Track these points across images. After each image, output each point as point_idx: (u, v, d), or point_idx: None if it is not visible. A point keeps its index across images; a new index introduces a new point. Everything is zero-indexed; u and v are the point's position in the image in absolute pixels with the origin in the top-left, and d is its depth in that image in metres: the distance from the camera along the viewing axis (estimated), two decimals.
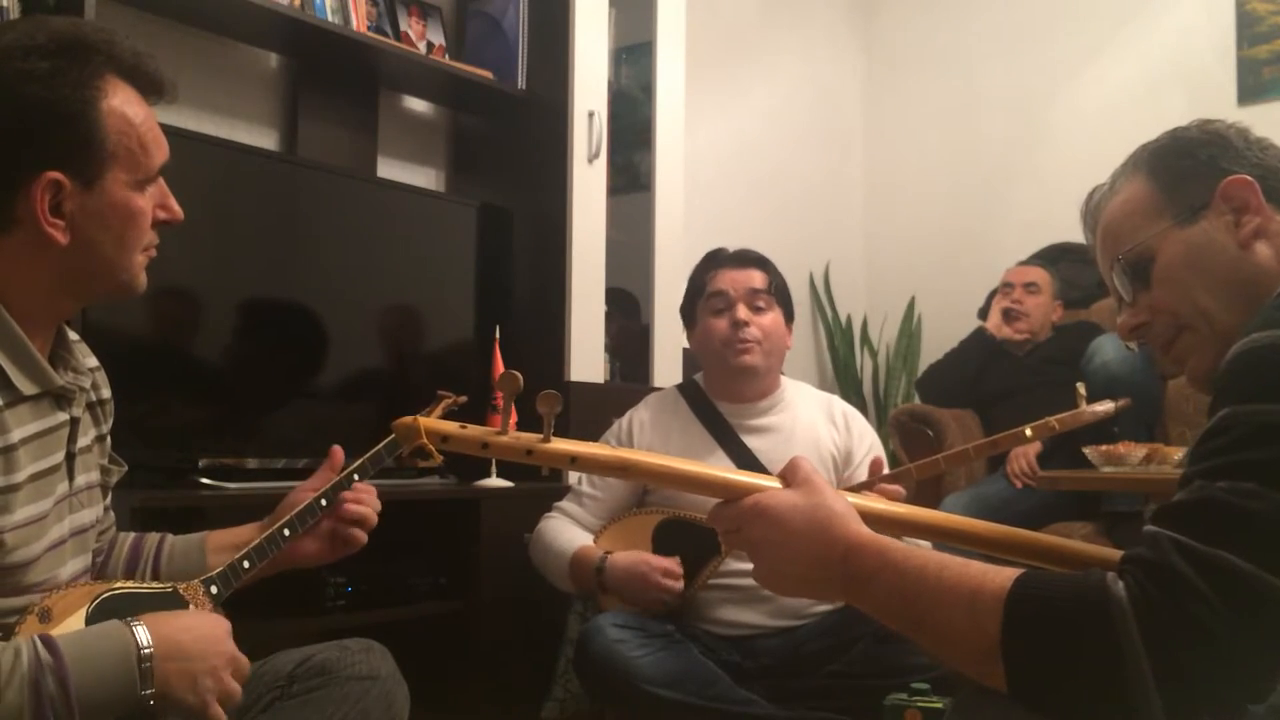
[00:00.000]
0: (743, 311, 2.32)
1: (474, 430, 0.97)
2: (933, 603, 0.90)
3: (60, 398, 1.24)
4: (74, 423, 1.27)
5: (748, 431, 2.35)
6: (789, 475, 1.03)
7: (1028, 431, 1.92)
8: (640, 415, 2.41)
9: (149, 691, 1.11)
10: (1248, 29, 4.01)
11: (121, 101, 1.21)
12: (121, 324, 2.20)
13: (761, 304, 2.34)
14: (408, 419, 0.97)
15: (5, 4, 1.98)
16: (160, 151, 1.26)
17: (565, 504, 2.38)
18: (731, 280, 2.35)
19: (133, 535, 1.50)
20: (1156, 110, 4.18)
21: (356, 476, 1.54)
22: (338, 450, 1.56)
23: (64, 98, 1.17)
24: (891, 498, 2.09)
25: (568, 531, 2.31)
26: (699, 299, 2.40)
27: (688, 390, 2.45)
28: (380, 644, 1.44)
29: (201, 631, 1.19)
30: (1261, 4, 3.99)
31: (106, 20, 2.31)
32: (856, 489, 1.96)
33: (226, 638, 1.22)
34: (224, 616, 1.28)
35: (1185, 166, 1.13)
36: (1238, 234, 1.07)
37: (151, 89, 1.26)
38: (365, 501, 1.55)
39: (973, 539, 1.08)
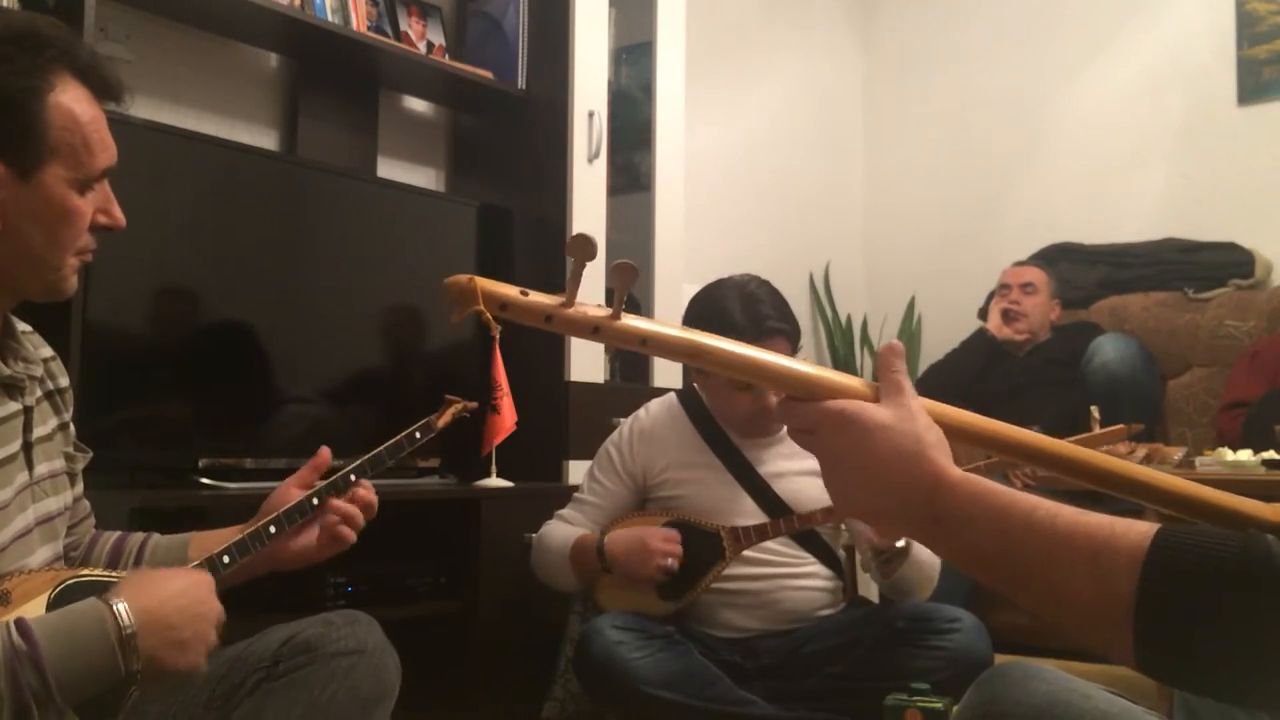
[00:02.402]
0: (770, 398, 2.17)
1: (538, 297, 0.83)
2: (1043, 554, 0.78)
3: (11, 387, 1.24)
4: (28, 411, 1.26)
5: (749, 446, 2.33)
6: (884, 387, 0.88)
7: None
8: (641, 424, 2.39)
9: (135, 666, 1.10)
10: (1248, 29, 4.01)
11: (70, 99, 1.20)
12: (121, 324, 2.20)
13: None
14: (463, 277, 0.81)
15: (4, 2, 1.98)
16: (106, 154, 1.25)
17: (566, 511, 2.38)
18: None
19: (116, 534, 1.48)
20: (1156, 110, 4.18)
21: (354, 477, 1.52)
22: (325, 451, 1.53)
23: (8, 84, 1.16)
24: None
25: (568, 529, 2.32)
26: None
27: (689, 402, 2.39)
28: (367, 614, 1.41)
29: (186, 596, 1.18)
30: (1261, 4, 3.99)
31: (106, 20, 2.31)
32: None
33: (210, 595, 1.21)
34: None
35: None
36: None
37: (105, 92, 1.25)
38: (357, 498, 1.52)
39: (1098, 476, 0.89)
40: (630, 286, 0.83)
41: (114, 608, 1.10)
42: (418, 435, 1.59)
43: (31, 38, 1.19)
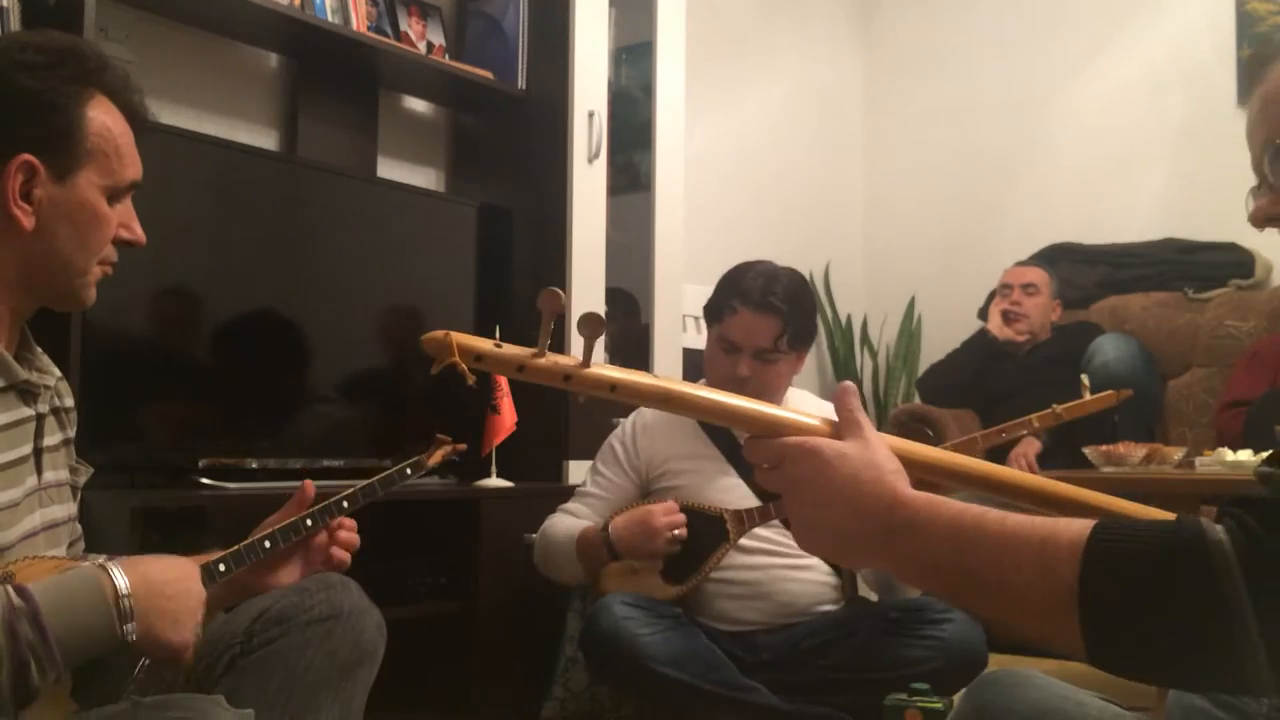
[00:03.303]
0: (745, 367, 2.25)
1: (510, 350, 0.90)
2: (994, 552, 0.81)
3: (25, 393, 1.27)
4: (39, 419, 1.29)
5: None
6: (844, 426, 0.94)
7: (1034, 421, 2.02)
8: (644, 417, 2.42)
9: (129, 626, 1.11)
10: (1248, 29, 4.01)
11: (103, 112, 1.28)
12: (121, 324, 2.20)
13: (770, 357, 2.27)
14: (439, 332, 0.88)
15: (5, 4, 1.98)
16: (134, 168, 1.31)
17: (570, 505, 2.40)
18: (745, 330, 2.25)
19: (102, 558, 1.48)
20: (1156, 110, 4.18)
21: (346, 504, 1.47)
22: (309, 484, 1.48)
23: (51, 89, 1.23)
24: None
25: (572, 521, 2.34)
26: (715, 320, 2.33)
27: None
28: (343, 576, 1.40)
29: (176, 572, 1.20)
30: (1261, 4, 3.99)
31: (106, 20, 2.31)
32: None
33: (197, 579, 1.23)
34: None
35: None
36: None
37: (132, 116, 1.32)
38: (340, 540, 1.47)
39: (1036, 496, 0.98)
40: (599, 336, 0.89)
41: (110, 572, 1.13)
42: (408, 471, 1.57)
43: (74, 53, 1.27)
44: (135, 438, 2.23)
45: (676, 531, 2.16)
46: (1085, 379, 2.18)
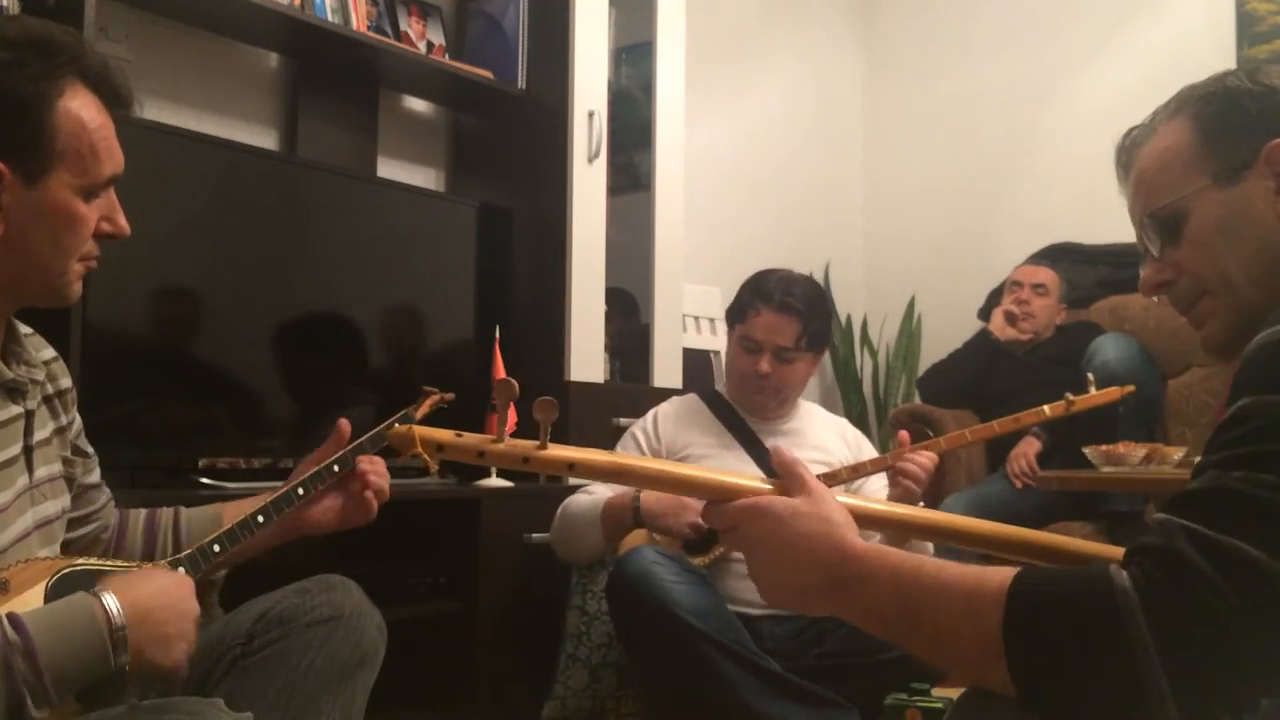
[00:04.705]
0: (766, 364, 2.39)
1: (470, 438, 0.97)
2: (930, 603, 0.87)
3: (13, 391, 1.25)
4: (29, 416, 1.27)
5: (767, 433, 2.45)
6: (791, 484, 1.00)
7: (1047, 410, 2.13)
8: (664, 409, 2.51)
9: (124, 659, 1.11)
10: (1248, 29, 4.01)
11: (79, 105, 1.21)
12: (121, 324, 2.20)
13: (789, 356, 2.40)
14: (403, 428, 0.96)
15: (4, 4, 1.98)
16: (112, 162, 1.25)
17: (592, 486, 2.43)
18: (766, 329, 2.39)
19: (145, 512, 1.51)
20: None
21: (336, 468, 1.57)
22: (344, 423, 1.58)
23: (18, 89, 1.16)
24: (923, 465, 2.17)
25: (596, 498, 2.36)
26: (738, 321, 2.45)
27: (709, 397, 2.54)
28: (344, 578, 1.42)
29: (169, 594, 1.20)
30: (1261, 4, 3.99)
31: (106, 20, 2.31)
32: (884, 460, 2.21)
33: (190, 595, 1.22)
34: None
35: (1231, 120, 1.04)
36: (1277, 203, 0.99)
37: (115, 100, 1.26)
38: (381, 473, 1.59)
39: (973, 538, 1.06)
40: (552, 419, 0.95)
41: (104, 602, 1.12)
42: (397, 425, 1.59)
43: (44, 44, 1.20)
44: (135, 437, 2.23)
45: (700, 520, 2.19)
46: (1091, 376, 2.26)
